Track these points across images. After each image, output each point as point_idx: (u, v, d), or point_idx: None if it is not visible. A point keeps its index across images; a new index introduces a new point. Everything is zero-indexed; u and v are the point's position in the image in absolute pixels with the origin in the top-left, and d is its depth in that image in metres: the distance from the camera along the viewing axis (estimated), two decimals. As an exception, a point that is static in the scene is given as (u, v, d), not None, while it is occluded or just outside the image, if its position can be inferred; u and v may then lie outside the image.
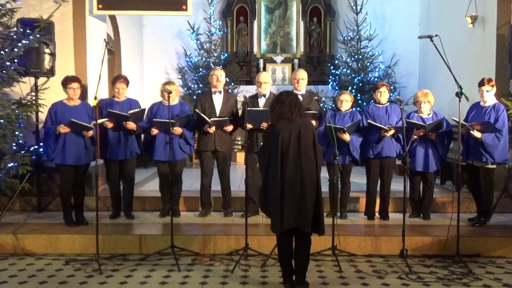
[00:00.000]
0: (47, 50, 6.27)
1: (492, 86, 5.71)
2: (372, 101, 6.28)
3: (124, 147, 5.95)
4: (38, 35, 6.07)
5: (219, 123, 5.99)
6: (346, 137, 5.78)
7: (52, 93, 6.23)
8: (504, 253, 5.34)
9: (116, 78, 6.14)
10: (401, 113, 5.28)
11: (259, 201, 4.42)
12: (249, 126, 5.62)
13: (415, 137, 5.88)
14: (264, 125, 5.74)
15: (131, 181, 6.19)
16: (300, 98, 6.11)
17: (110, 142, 5.91)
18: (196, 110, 6.03)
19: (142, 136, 6.19)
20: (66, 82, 5.69)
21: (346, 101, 5.99)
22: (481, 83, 5.75)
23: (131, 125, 5.81)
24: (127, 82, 6.07)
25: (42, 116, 6.09)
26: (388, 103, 6.13)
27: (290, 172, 4.01)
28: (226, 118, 6.03)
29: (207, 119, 5.90)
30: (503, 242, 5.39)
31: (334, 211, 5.34)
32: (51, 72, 6.33)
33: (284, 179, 4.01)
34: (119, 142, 5.93)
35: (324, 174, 6.26)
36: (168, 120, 5.33)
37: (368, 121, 5.90)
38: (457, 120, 5.16)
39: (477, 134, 5.58)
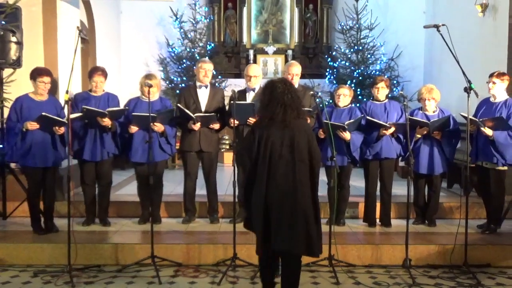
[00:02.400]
0: (14, 39, 6.23)
1: (502, 80, 5.76)
2: (371, 97, 6.32)
3: (101, 147, 5.93)
4: (3, 22, 6.03)
5: (205, 119, 5.99)
6: (347, 135, 5.81)
7: (19, 86, 6.18)
8: (516, 263, 5.41)
9: (93, 70, 6.11)
10: (404, 109, 5.31)
11: (243, 215, 4.18)
12: (235, 122, 5.62)
13: (419, 136, 5.93)
14: (251, 120, 5.75)
15: (108, 184, 6.19)
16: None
17: (85, 141, 5.90)
18: (179, 104, 6.03)
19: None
20: (36, 74, 5.63)
21: (344, 95, 6.02)
22: (490, 75, 5.82)
23: (106, 121, 5.79)
24: (105, 74, 6.04)
25: (8, 111, 6.04)
26: (387, 100, 6.17)
27: (279, 187, 3.79)
28: (213, 114, 6.03)
29: (191, 114, 5.90)
30: (515, 251, 5.46)
31: (331, 217, 5.37)
32: (17, 63, 6.29)
33: (271, 195, 3.80)
34: (95, 141, 5.91)
35: (322, 177, 6.31)
36: (148, 114, 5.32)
37: (367, 117, 5.93)
38: (466, 115, 5.21)
39: (488, 131, 5.63)
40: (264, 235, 3.86)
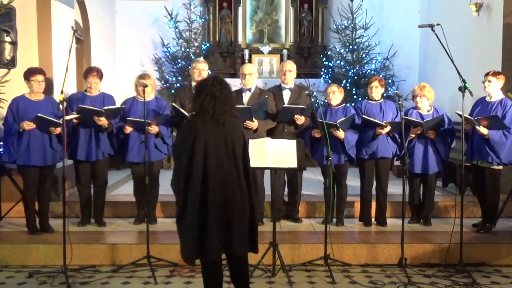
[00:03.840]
0: (8, 39, 6.22)
1: (498, 78, 5.78)
2: (367, 97, 6.33)
3: (96, 147, 5.92)
4: (-3, 22, 6.02)
5: None
6: (340, 134, 5.81)
7: (13, 86, 6.17)
8: (511, 261, 5.43)
9: (89, 70, 6.09)
10: (399, 109, 5.32)
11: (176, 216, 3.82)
12: None
13: (413, 135, 5.94)
14: (248, 124, 5.75)
15: (104, 185, 6.17)
16: (288, 92, 6.19)
17: (81, 141, 5.88)
18: (174, 104, 6.02)
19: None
20: (29, 74, 5.63)
21: (333, 93, 6.03)
22: (486, 74, 5.84)
23: (102, 120, 5.77)
24: (100, 75, 6.03)
25: (2, 112, 6.03)
26: (382, 99, 6.18)
27: (215, 189, 3.60)
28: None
29: (186, 114, 5.89)
30: (510, 249, 5.48)
31: (327, 217, 5.38)
32: (12, 63, 6.28)
33: (208, 197, 3.60)
34: (90, 141, 5.90)
35: (318, 177, 6.31)
36: (143, 120, 5.31)
37: (363, 116, 5.94)
38: (461, 114, 5.23)
39: (484, 130, 5.64)
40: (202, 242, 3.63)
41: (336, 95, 6.04)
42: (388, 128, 5.89)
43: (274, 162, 4.91)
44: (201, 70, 6.15)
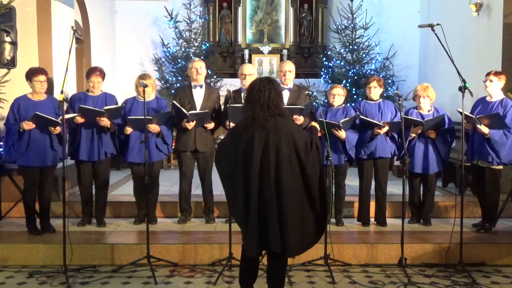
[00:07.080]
0: (8, 39, 6.21)
1: (499, 78, 5.77)
2: (366, 97, 6.32)
3: (98, 147, 5.91)
4: (-3, 22, 6.01)
5: (199, 116, 5.97)
6: (342, 134, 5.81)
7: (13, 86, 6.17)
8: (511, 261, 5.43)
9: (91, 70, 6.09)
10: (398, 108, 5.32)
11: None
12: (231, 124, 5.64)
13: (413, 135, 5.94)
14: None
15: (105, 185, 6.17)
16: (288, 92, 6.18)
17: (82, 141, 5.87)
18: (174, 102, 6.02)
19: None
20: (32, 74, 5.62)
21: (338, 95, 6.03)
22: (487, 73, 5.84)
23: (104, 121, 5.77)
24: (103, 75, 6.03)
25: (2, 112, 6.03)
26: (381, 99, 6.18)
27: (258, 191, 3.68)
28: (207, 111, 6.02)
29: (185, 111, 5.89)
30: (510, 249, 5.48)
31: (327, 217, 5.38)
32: (12, 63, 6.28)
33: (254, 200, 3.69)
34: (92, 141, 5.89)
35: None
36: (143, 117, 5.32)
37: (361, 116, 5.94)
38: (461, 112, 5.23)
39: (484, 129, 5.64)
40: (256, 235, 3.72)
41: (340, 98, 6.04)
42: (386, 128, 5.89)
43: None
44: (198, 68, 6.15)
